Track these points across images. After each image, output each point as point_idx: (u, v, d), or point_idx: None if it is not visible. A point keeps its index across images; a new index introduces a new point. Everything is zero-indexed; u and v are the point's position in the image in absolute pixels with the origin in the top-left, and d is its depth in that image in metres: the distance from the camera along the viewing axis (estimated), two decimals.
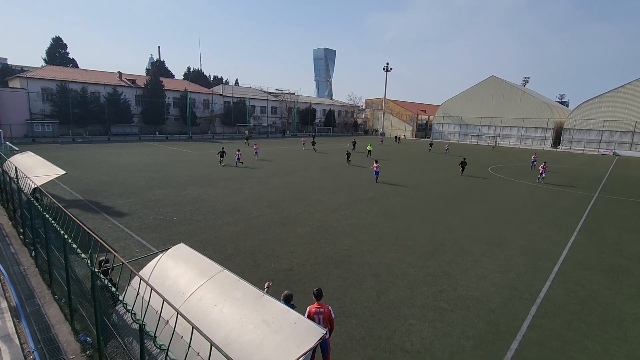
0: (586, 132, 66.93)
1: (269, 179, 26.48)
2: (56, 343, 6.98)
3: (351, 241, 13.79)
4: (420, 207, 19.60)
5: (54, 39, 74.73)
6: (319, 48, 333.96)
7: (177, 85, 71.47)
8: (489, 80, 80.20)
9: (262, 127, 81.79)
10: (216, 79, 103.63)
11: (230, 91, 79.54)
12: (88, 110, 56.08)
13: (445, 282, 10.60)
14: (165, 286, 6.03)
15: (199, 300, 5.56)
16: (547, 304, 9.60)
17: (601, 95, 65.55)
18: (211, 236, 13.73)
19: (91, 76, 61.94)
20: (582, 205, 21.27)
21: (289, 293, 6.54)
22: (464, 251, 13.20)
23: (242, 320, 4.87)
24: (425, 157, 45.97)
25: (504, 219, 17.81)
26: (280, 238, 13.84)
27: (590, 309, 9.41)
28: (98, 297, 6.09)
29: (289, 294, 6.48)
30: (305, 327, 4.43)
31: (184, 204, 18.13)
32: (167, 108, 66.01)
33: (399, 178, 28.54)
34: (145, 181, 23.76)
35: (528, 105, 74.46)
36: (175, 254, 6.87)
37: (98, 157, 35.33)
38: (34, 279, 9.64)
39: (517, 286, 10.55)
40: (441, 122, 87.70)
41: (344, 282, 10.39)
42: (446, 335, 8.01)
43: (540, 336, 8.11)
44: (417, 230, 15.38)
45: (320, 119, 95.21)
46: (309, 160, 38.24)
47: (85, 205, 17.39)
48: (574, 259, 12.85)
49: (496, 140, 75.75)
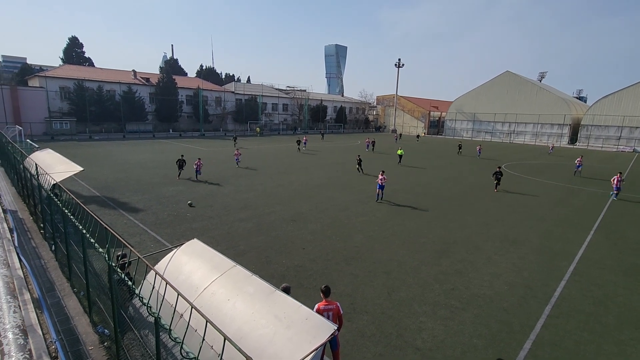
0: (605, 129, 65.04)
1: (280, 176, 26.62)
2: (75, 334, 7.22)
3: (362, 238, 13.78)
4: (431, 204, 19.43)
5: (71, 38, 76.40)
6: (330, 44, 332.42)
7: (190, 83, 72.32)
8: (503, 76, 78.60)
9: (273, 124, 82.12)
10: (228, 77, 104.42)
11: (242, 88, 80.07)
12: (104, 108, 57.30)
13: (457, 280, 10.52)
14: (180, 281, 6.17)
15: (212, 294, 5.67)
16: (561, 303, 9.44)
17: (621, 90, 63.51)
18: (224, 232, 13.92)
19: (107, 75, 63.18)
20: (599, 204, 20.75)
21: (287, 286, 6.71)
22: (476, 249, 13.05)
23: (255, 315, 4.95)
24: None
25: (518, 217, 17.51)
26: (292, 235, 13.93)
27: (607, 310, 9.21)
28: (115, 290, 6.26)
29: (286, 287, 6.63)
30: (317, 322, 4.48)
31: (197, 201, 18.39)
32: (180, 106, 66.93)
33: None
34: (160, 178, 24.18)
35: (544, 100, 72.72)
36: (189, 249, 7.01)
37: (114, 154, 36.09)
38: (54, 272, 9.96)
39: (531, 285, 10.39)
40: (454, 119, 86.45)
41: (355, 279, 10.41)
42: (458, 334, 7.96)
43: (554, 336, 7.99)
44: (428, 228, 15.27)
45: (331, 116, 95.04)
46: (318, 158, 38.26)
47: (102, 201, 17.82)
48: (591, 259, 12.57)
49: (552, 142, 62.65)
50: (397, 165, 33.26)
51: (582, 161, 31.60)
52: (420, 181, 26.02)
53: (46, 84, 54.01)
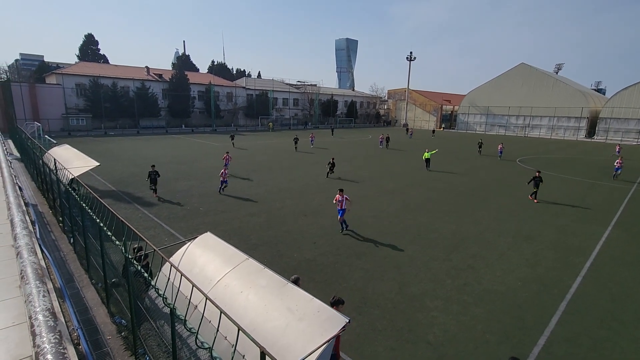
0: (624, 122, 63.02)
1: (291, 170, 26.71)
2: (94, 324, 7.45)
3: (373, 233, 13.76)
4: (443, 199, 19.25)
5: (86, 36, 77.76)
6: (340, 38, 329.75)
7: (202, 79, 72.90)
8: (518, 68, 76.78)
9: (284, 119, 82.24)
10: (239, 72, 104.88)
11: (252, 84, 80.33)
12: (118, 104, 58.31)
13: (469, 276, 10.43)
14: (194, 273, 6.29)
15: (225, 286, 5.77)
16: (577, 300, 9.27)
17: None
18: (236, 226, 14.08)
19: (121, 71, 64.18)
20: (619, 199, 20.20)
21: (297, 277, 6.88)
22: (489, 245, 12.90)
23: (267, 307, 5.03)
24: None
25: (532, 212, 17.21)
26: (303, 229, 14.01)
27: (625, 307, 9.02)
28: (132, 282, 6.42)
29: (296, 278, 6.79)
30: (329, 315, 4.52)
31: (210, 195, 18.63)
32: (192, 101, 67.59)
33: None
34: (173, 173, 24.54)
35: (561, 93, 70.80)
36: (203, 242, 7.13)
37: (128, 149, 36.77)
38: (72, 264, 10.26)
39: (546, 281, 10.23)
40: (467, 113, 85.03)
41: (365, 273, 10.43)
42: (470, 329, 7.92)
43: (569, 333, 7.87)
44: (440, 223, 15.14)
45: (342, 110, 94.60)
46: (330, 153, 38.23)
47: (117, 196, 18.21)
48: (608, 254, 12.29)
49: (618, 143, 47.34)
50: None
51: (622, 163, 26.68)
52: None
53: (63, 81, 55.19)
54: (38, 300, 4.55)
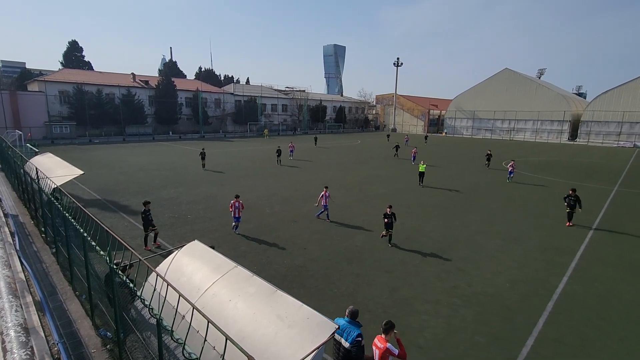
0: (605, 124, 64.93)
1: (281, 176, 26.63)
2: (78, 337, 7.22)
3: (364, 237, 13.77)
4: (433, 203, 19.42)
5: (70, 42, 76.49)
6: (328, 45, 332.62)
7: (189, 85, 72.38)
8: (502, 73, 78.54)
9: (273, 125, 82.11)
10: (227, 78, 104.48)
11: (241, 90, 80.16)
12: (103, 111, 57.38)
13: (459, 278, 10.50)
14: (181, 282, 6.16)
15: (213, 295, 5.67)
16: (564, 300, 9.42)
17: (621, 86, 63.42)
18: (224, 233, 13.91)
19: (106, 78, 63.27)
20: (601, 200, 20.71)
21: (355, 309, 5.74)
22: (478, 247, 13.04)
23: (256, 315, 4.95)
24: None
25: (520, 214, 17.49)
26: (293, 235, 13.92)
27: (611, 306, 9.19)
28: (117, 293, 6.26)
29: (354, 310, 5.72)
30: (318, 321, 4.47)
31: (198, 202, 18.40)
32: (180, 108, 67.02)
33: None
34: (160, 180, 24.19)
35: (543, 97, 72.61)
36: (190, 250, 7.01)
37: (114, 157, 36.13)
38: (55, 276, 9.96)
39: (534, 282, 10.37)
40: (453, 117, 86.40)
41: (356, 278, 10.40)
42: (460, 332, 7.95)
43: (557, 333, 7.97)
44: (430, 226, 15.25)
45: (330, 116, 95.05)
46: (320, 159, 38.27)
47: (103, 205, 17.83)
48: (593, 255, 12.55)
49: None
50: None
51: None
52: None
53: (45, 88, 54.11)
54: (10, 315, 4.38)
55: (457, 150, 49.48)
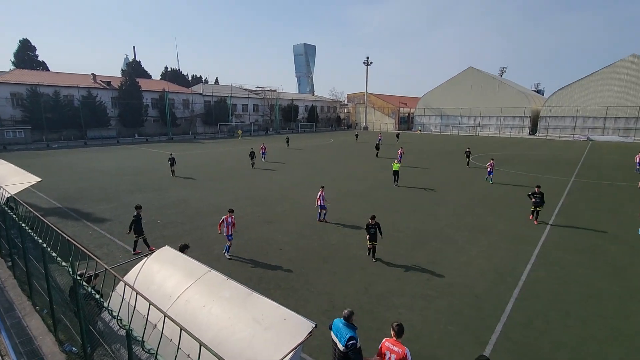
0: (561, 119, 69.00)
1: (254, 178, 26.29)
2: (40, 355, 6.78)
3: (339, 236, 13.86)
4: (406, 199, 19.86)
5: (22, 41, 71.70)
6: (298, 44, 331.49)
7: (155, 86, 69.83)
8: (467, 72, 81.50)
9: (244, 125, 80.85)
10: (195, 78, 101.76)
11: (210, 90, 78.31)
12: (62, 114, 54.15)
13: (432, 271, 10.81)
14: (152, 290, 5.93)
15: (186, 302, 5.50)
16: (529, 286, 9.92)
17: (574, 83, 67.61)
18: (197, 238, 13.55)
19: (63, 79, 59.77)
20: (559, 190, 22.00)
21: (349, 311, 5.68)
22: (449, 240, 13.47)
23: (232, 320, 4.86)
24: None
25: (486, 206, 18.25)
26: (268, 236, 13.79)
27: (570, 289, 9.78)
28: (82, 305, 5.94)
29: (348, 313, 5.66)
30: (295, 322, 4.45)
31: (168, 207, 17.81)
32: (146, 109, 64.49)
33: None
34: (127, 185, 23.20)
35: (505, 94, 76.12)
36: (161, 257, 6.77)
37: (75, 162, 34.24)
38: (12, 291, 9.31)
39: (501, 270, 10.86)
40: (423, 114, 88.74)
41: (333, 277, 10.45)
42: (434, 323, 8.19)
43: (524, 317, 8.39)
44: (404, 222, 15.59)
45: (303, 115, 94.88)
46: (293, 159, 38.15)
47: (64, 213, 16.85)
48: (554, 242, 13.31)
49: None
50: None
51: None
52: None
53: None
54: None
55: (428, 147, 50.87)
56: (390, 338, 5.50)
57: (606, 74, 63.81)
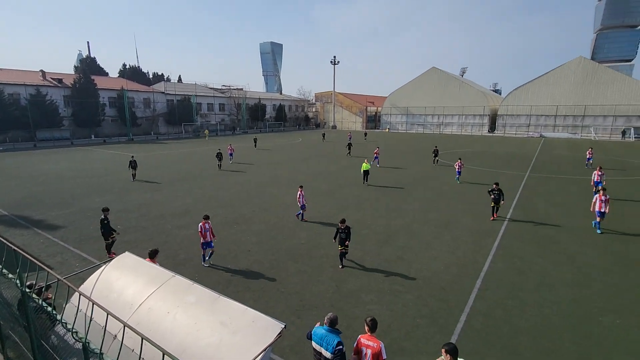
0: (517, 117, 73.23)
1: (220, 178, 25.69)
2: None
3: (308, 234, 13.86)
4: (374, 197, 20.22)
5: None
6: (265, 42, 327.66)
7: (113, 84, 66.24)
8: (430, 72, 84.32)
9: (210, 125, 78.74)
10: (156, 76, 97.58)
11: (173, 88, 75.44)
12: (7, 114, 49.94)
13: (399, 266, 11.08)
14: (111, 299, 5.63)
15: (149, 309, 5.27)
16: (490, 276, 10.44)
17: (528, 83, 71.99)
18: (161, 242, 13.02)
19: (7, 76, 55.19)
20: (516, 185, 23.32)
21: (334, 316, 5.51)
22: (415, 235, 13.88)
23: (198, 325, 4.71)
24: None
25: (451, 202, 18.98)
26: (236, 237, 13.52)
27: (527, 278, 10.40)
28: (32, 319, 5.51)
29: (333, 317, 5.48)
30: (264, 323, 4.39)
31: (129, 211, 16.98)
32: (103, 109, 60.99)
33: None
34: (83, 189, 21.86)
35: (466, 94, 79.61)
36: (120, 264, 6.44)
37: (23, 166, 31.78)
38: None
39: (464, 263, 11.34)
40: (389, 113, 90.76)
41: (303, 276, 10.44)
42: (402, 316, 8.40)
43: (485, 307, 8.81)
44: (371, 219, 15.86)
45: (270, 115, 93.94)
46: (262, 159, 37.70)
47: (10, 221, 15.60)
48: (512, 234, 14.09)
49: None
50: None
51: (593, 153, 30.10)
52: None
53: None
54: None
55: (396, 145, 52.08)
56: (365, 334, 5.52)
57: (556, 74, 68.54)
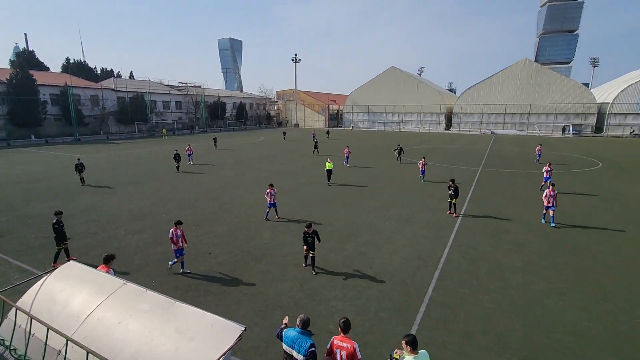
0: (470, 115, 77.47)
1: (178, 180, 24.68)
2: None
3: (271, 234, 13.70)
4: (337, 195, 20.41)
5: None
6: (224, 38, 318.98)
7: (55, 80, 61.17)
8: (389, 71, 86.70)
9: (167, 124, 75.32)
10: (105, 72, 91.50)
11: (124, 85, 71.12)
12: None
13: (362, 262, 11.27)
14: (54, 312, 5.19)
15: (98, 320, 4.92)
16: (447, 267, 10.93)
17: (479, 83, 76.35)
18: (113, 248, 12.22)
19: None
20: (470, 179, 24.63)
21: (306, 318, 5.40)
22: (377, 231, 14.19)
23: (152, 333, 4.48)
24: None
25: (410, 197, 19.63)
26: (196, 240, 13.04)
27: (480, 267, 11.01)
28: None
29: (305, 319, 5.38)
30: (223, 327, 4.26)
31: (76, 216, 15.79)
32: (44, 106, 56.14)
33: None
34: (22, 194, 20.02)
35: (424, 93, 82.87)
36: (65, 273, 5.95)
37: None
38: None
39: (423, 256, 11.77)
40: (351, 111, 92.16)
41: (266, 276, 10.29)
42: (365, 311, 8.55)
43: (443, 296, 9.21)
44: (334, 216, 15.99)
45: (231, 113, 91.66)
46: (223, 159, 36.72)
47: None
48: (466, 226, 14.85)
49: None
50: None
51: (542, 149, 32.96)
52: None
53: None
54: None
55: (358, 143, 52.91)
56: (338, 335, 5.45)
57: (505, 75, 73.31)
